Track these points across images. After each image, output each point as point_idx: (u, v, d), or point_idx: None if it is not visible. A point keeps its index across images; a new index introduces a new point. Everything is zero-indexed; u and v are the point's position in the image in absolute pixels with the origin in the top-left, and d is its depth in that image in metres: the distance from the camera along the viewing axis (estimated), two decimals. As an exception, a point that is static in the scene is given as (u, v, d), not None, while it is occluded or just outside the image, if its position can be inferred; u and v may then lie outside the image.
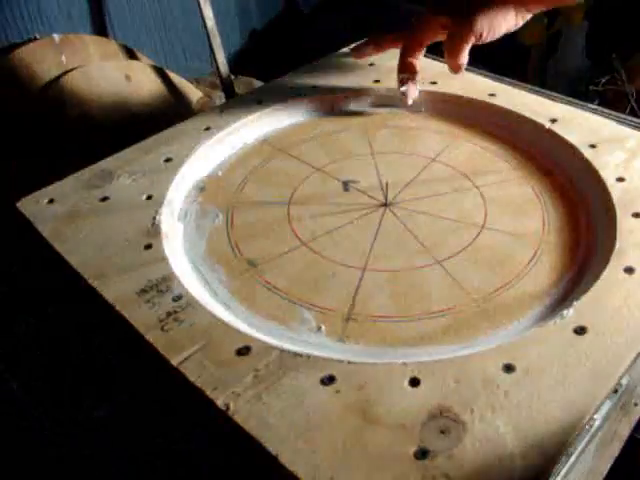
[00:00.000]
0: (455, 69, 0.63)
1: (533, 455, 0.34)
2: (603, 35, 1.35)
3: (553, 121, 0.62)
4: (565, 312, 0.42)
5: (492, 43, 0.62)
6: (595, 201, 0.54)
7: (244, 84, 1.03)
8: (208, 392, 0.38)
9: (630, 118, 0.65)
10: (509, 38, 0.63)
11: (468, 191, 0.57)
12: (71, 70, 0.72)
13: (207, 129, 0.64)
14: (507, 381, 0.38)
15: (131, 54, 0.84)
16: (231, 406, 0.37)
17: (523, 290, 0.47)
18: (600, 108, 0.67)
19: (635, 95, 1.11)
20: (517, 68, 1.28)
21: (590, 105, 0.67)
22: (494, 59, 0.95)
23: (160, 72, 0.81)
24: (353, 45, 0.76)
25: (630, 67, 1.17)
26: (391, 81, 0.70)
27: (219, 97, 0.91)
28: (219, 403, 0.37)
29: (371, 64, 0.75)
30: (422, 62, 0.74)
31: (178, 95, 0.81)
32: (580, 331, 0.40)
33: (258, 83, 1.07)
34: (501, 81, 0.71)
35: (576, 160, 0.58)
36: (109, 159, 0.60)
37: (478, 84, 0.70)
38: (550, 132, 0.61)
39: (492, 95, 0.67)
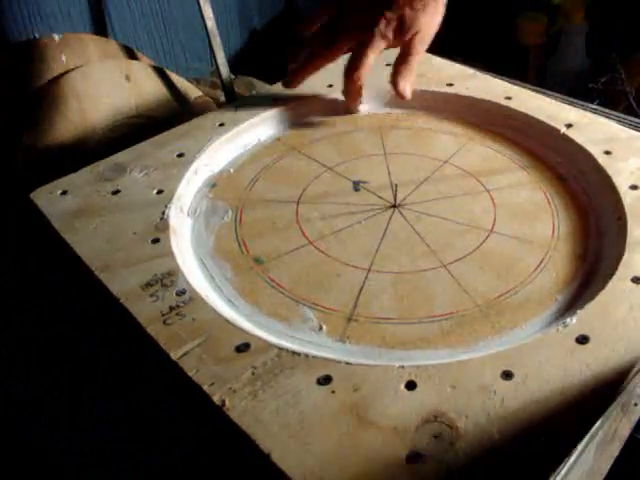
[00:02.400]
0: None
1: (527, 465, 0.34)
2: (603, 35, 1.33)
3: (569, 126, 0.61)
4: (568, 320, 0.41)
5: (492, 43, 0.62)
6: (607, 208, 0.53)
7: (244, 84, 1.03)
8: (205, 387, 0.38)
9: (630, 118, 0.64)
10: (509, 38, 0.63)
11: (478, 194, 0.56)
12: (71, 70, 0.73)
13: (221, 125, 0.64)
14: (504, 388, 0.37)
15: (131, 54, 0.84)
16: (227, 402, 0.37)
17: (528, 296, 0.46)
18: (600, 108, 0.66)
19: (635, 95, 1.09)
20: (517, 68, 1.26)
21: (590, 105, 0.66)
22: (494, 59, 0.94)
23: (160, 72, 0.81)
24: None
25: (630, 67, 1.15)
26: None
27: (219, 97, 0.91)
28: (215, 399, 0.38)
29: (388, 64, 0.74)
30: (439, 63, 0.74)
31: (178, 95, 0.81)
32: (582, 340, 0.40)
33: (258, 83, 1.07)
34: (518, 84, 0.70)
35: (590, 166, 0.57)
36: (123, 152, 0.61)
37: (494, 87, 0.69)
38: (565, 137, 0.60)
39: (508, 98, 0.66)
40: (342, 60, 0.76)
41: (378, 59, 0.75)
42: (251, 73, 1.19)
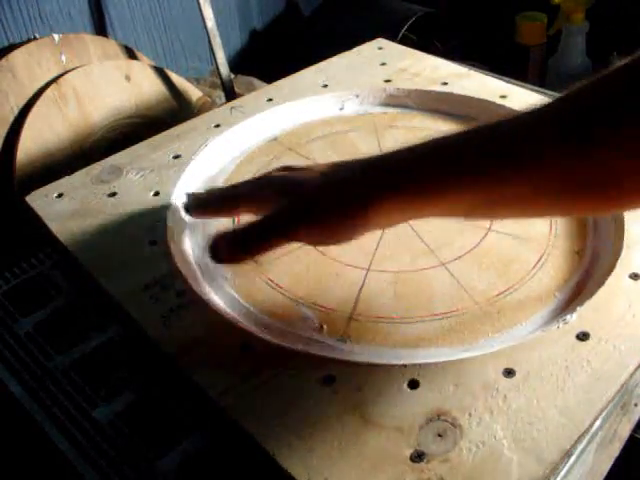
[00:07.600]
0: None
1: (530, 461, 0.34)
2: (603, 35, 1.34)
3: (564, 124, 0.61)
4: (568, 317, 0.41)
5: (492, 43, 0.62)
6: (604, 206, 0.53)
7: (244, 84, 1.03)
8: (207, 388, 0.38)
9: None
10: (509, 38, 0.62)
11: (476, 193, 0.56)
12: (71, 70, 0.73)
13: (217, 126, 0.64)
14: (507, 385, 0.37)
15: (131, 54, 0.84)
16: (230, 403, 0.37)
17: (527, 294, 0.46)
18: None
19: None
20: (517, 68, 1.27)
21: None
22: (494, 59, 0.94)
23: (160, 72, 0.81)
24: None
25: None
26: (402, 81, 0.70)
27: (219, 97, 0.91)
28: (218, 399, 0.37)
29: (383, 64, 0.75)
30: (434, 62, 0.74)
31: (178, 95, 0.81)
32: (582, 337, 0.40)
33: (258, 83, 1.07)
34: (513, 83, 0.71)
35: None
36: (119, 155, 0.61)
37: (489, 85, 0.69)
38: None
39: (503, 97, 0.66)
40: (338, 60, 0.76)
41: (374, 58, 0.76)
42: (251, 73, 1.19)
